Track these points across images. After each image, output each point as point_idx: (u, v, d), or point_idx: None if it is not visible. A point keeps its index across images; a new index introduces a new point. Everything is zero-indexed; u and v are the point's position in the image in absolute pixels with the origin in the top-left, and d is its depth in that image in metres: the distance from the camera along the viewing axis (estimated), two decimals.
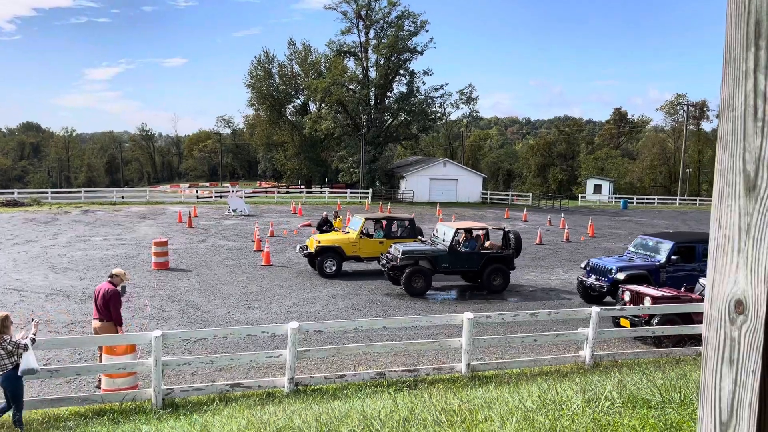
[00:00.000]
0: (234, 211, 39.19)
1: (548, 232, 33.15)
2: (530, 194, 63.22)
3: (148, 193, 52.72)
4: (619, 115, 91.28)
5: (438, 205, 48.44)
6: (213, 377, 10.05)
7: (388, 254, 17.56)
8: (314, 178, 77.43)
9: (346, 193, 56.35)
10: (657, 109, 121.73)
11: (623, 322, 12.46)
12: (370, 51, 66.15)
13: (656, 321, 11.77)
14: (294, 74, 73.31)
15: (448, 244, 17.03)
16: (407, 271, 16.45)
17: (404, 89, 67.37)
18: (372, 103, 67.04)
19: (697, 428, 1.30)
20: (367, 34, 66.02)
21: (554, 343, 11.99)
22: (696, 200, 64.85)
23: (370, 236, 19.75)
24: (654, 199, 65.26)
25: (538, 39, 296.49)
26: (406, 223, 20.24)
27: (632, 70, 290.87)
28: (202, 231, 30.07)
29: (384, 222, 20.08)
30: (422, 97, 67.31)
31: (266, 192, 60.99)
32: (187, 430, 5.88)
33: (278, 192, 59.36)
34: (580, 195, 69.45)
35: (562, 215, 41.16)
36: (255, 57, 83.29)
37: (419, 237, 19.48)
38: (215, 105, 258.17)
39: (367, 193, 54.45)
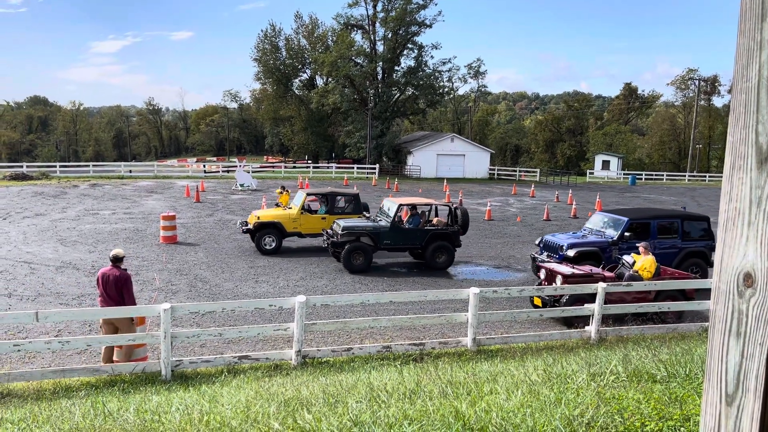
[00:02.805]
0: (241, 185, 39.25)
1: (555, 208, 33.08)
2: (538, 170, 62.92)
3: (156, 167, 52.84)
4: (629, 90, 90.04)
5: (445, 181, 48.31)
6: (221, 349, 10.17)
7: (330, 230, 17.23)
8: (321, 153, 77.22)
9: (353, 168, 56.22)
10: (668, 84, 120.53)
11: (536, 300, 12.16)
12: (377, 24, 65.41)
13: (565, 300, 11.45)
14: (301, 48, 72.72)
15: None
16: (346, 247, 16.12)
17: (412, 63, 66.75)
18: (379, 77, 66.49)
19: (702, 400, 1.31)
20: (374, 6, 65.21)
21: (560, 318, 12.04)
22: (705, 176, 64.38)
23: (314, 212, 19.27)
24: (663, 175, 64.81)
25: (543, 12, 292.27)
26: (351, 198, 19.57)
27: (641, 44, 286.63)
28: (210, 205, 30.18)
29: (327, 197, 19.43)
30: (430, 71, 66.68)
31: (273, 167, 60.93)
32: (196, 401, 5.97)
33: (285, 167, 59.30)
34: (588, 171, 68.97)
35: (570, 191, 41.00)
36: (262, 30, 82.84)
37: (364, 213, 18.89)
38: (222, 79, 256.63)
39: (374, 168, 54.32)
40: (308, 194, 19.31)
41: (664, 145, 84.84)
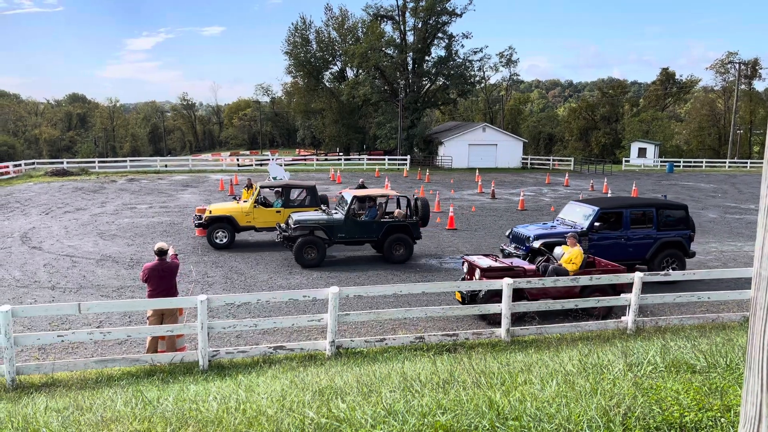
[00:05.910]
0: (274, 178, 39.57)
1: (591, 197, 32.54)
2: (572, 159, 61.93)
3: (191, 161, 53.64)
4: (667, 76, 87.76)
5: (477, 171, 47.96)
6: (257, 340, 10.33)
7: (284, 224, 16.86)
8: (352, 145, 77.41)
9: (384, 159, 56.21)
10: (706, 68, 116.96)
11: (457, 295, 11.85)
12: (407, 14, 65.10)
13: (482, 295, 11.07)
14: (331, 40, 72.89)
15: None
16: (298, 241, 15.69)
17: (442, 53, 66.32)
18: (409, 67, 66.23)
19: (743, 389, 1.28)
20: None
21: (595, 308, 11.86)
22: (747, 163, 62.55)
23: (269, 205, 18.84)
24: (702, 162, 63.20)
25: None
26: (307, 191, 19.07)
27: (675, 28, 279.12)
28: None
29: (282, 190, 18.93)
30: (461, 60, 66.16)
31: (305, 160, 61.33)
32: (233, 390, 6.08)
33: (317, 159, 59.62)
34: (623, 159, 67.54)
35: (605, 180, 40.30)
36: (292, 23, 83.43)
37: (321, 206, 18.38)
38: (254, 73, 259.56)
39: (406, 159, 54.21)
40: (262, 187, 19.02)
41: (703, 131, 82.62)
